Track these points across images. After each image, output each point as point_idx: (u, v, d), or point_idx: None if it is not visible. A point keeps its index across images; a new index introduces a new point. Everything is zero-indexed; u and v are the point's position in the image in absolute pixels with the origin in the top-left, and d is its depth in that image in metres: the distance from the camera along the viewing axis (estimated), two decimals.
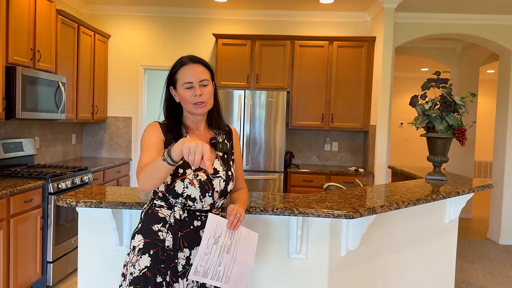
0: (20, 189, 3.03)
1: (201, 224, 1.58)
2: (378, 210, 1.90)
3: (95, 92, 4.99)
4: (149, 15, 5.36)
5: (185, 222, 1.56)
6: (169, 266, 1.53)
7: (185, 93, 1.59)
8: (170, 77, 1.64)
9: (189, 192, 1.54)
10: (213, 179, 1.59)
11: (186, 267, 1.54)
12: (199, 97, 1.57)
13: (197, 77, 1.58)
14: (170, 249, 1.53)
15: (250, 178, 4.66)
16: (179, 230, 1.54)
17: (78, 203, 1.85)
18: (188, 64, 1.60)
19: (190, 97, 1.58)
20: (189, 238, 1.55)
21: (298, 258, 1.99)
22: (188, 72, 1.58)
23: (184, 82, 1.58)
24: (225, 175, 1.62)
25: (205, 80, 1.59)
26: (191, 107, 1.60)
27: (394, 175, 3.85)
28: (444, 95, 2.74)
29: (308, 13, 5.27)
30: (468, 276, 4.07)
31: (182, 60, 1.62)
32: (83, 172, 3.90)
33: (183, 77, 1.59)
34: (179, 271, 1.54)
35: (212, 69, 1.67)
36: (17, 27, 3.40)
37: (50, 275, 3.42)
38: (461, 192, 2.45)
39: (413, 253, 2.53)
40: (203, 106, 1.60)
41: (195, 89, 1.58)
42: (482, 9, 4.82)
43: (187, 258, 1.55)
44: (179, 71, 1.61)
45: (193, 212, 1.58)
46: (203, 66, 1.62)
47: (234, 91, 4.69)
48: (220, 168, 1.62)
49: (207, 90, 1.60)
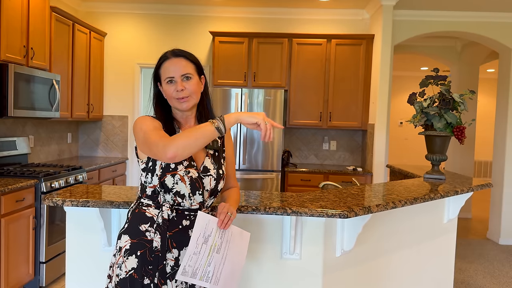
0: (11, 188, 2.98)
1: (190, 224, 1.53)
2: (374, 210, 1.85)
3: (91, 91, 4.93)
4: (145, 13, 5.31)
5: (174, 221, 1.51)
6: (157, 268, 1.48)
7: (167, 88, 1.55)
8: (155, 73, 1.60)
9: (179, 188, 1.50)
10: (204, 177, 1.54)
11: (175, 268, 1.49)
12: (181, 92, 1.53)
13: (179, 71, 1.53)
14: (158, 250, 1.48)
15: (247, 177, 4.61)
16: (167, 230, 1.49)
17: (65, 202, 1.80)
18: (170, 59, 1.56)
19: (172, 92, 1.54)
20: (178, 238, 1.50)
21: (292, 259, 1.94)
22: (171, 66, 1.54)
23: (166, 77, 1.54)
24: (216, 173, 1.57)
25: (187, 74, 1.54)
26: (174, 102, 1.55)
27: (392, 174, 3.80)
28: (442, 93, 2.68)
29: (305, 10, 5.22)
30: (467, 276, 4.02)
31: (165, 54, 1.58)
32: (78, 171, 3.85)
33: (165, 72, 1.55)
34: (168, 272, 1.49)
35: (199, 62, 1.61)
36: (10, 23, 3.35)
37: (43, 276, 3.37)
38: (459, 191, 2.40)
39: (411, 253, 2.48)
40: (186, 100, 1.54)
41: (176, 83, 1.53)
42: (482, 6, 4.77)
43: (175, 259, 1.50)
44: (162, 65, 1.57)
45: (181, 211, 1.53)
46: (186, 60, 1.56)
47: (231, 89, 4.63)
48: (211, 167, 1.57)
49: (191, 84, 1.54)
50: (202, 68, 1.63)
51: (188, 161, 1.52)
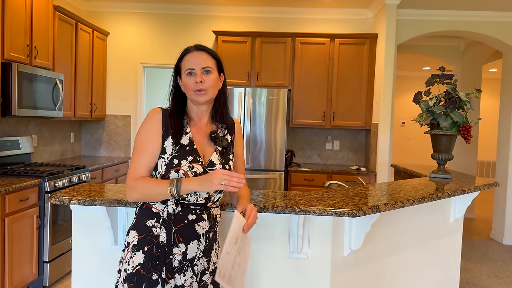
0: (15, 187, 2.97)
1: (196, 218, 1.52)
2: (382, 208, 1.83)
3: (94, 90, 4.92)
4: (148, 12, 5.30)
5: (179, 216, 1.50)
6: (164, 262, 1.47)
7: (186, 80, 1.55)
8: (176, 66, 1.61)
9: None
10: (209, 172, 1.53)
11: (183, 262, 1.49)
12: (200, 84, 1.52)
13: (200, 64, 1.54)
14: (164, 245, 1.48)
15: (251, 177, 4.60)
16: (173, 224, 1.49)
17: (71, 200, 1.79)
18: (192, 52, 1.57)
19: (191, 84, 1.54)
20: (184, 233, 1.50)
21: (299, 258, 1.93)
22: (192, 59, 1.55)
23: (186, 69, 1.55)
24: (221, 168, 1.56)
25: (208, 67, 1.55)
26: (192, 94, 1.55)
27: (396, 174, 3.79)
28: (449, 91, 2.67)
29: (309, 10, 5.20)
30: (472, 276, 4.00)
31: (188, 48, 1.60)
32: (81, 170, 3.84)
33: (186, 64, 1.56)
34: (175, 266, 1.48)
35: (220, 59, 1.62)
36: (13, 23, 3.34)
37: (46, 275, 3.36)
38: (466, 190, 2.38)
39: (418, 253, 2.47)
40: (203, 93, 1.54)
41: (196, 75, 1.53)
42: (485, 6, 4.75)
43: (183, 253, 1.49)
44: (183, 58, 1.58)
45: (187, 205, 1.52)
46: (208, 54, 1.58)
47: (235, 88, 4.62)
48: (217, 162, 1.56)
49: (210, 78, 1.55)
50: (222, 66, 1.63)
51: (193, 156, 1.51)
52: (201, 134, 1.59)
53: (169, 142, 1.51)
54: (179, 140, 1.52)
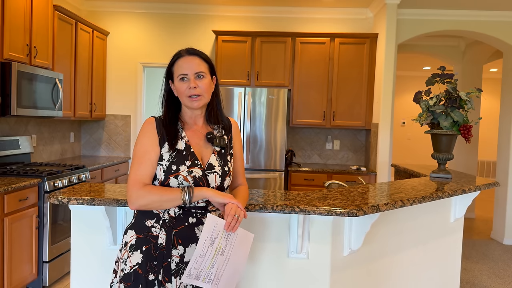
0: (15, 187, 2.96)
1: (196, 221, 1.51)
2: (383, 208, 1.83)
3: (94, 90, 4.92)
4: (148, 12, 5.30)
5: (180, 218, 1.50)
6: (162, 264, 1.46)
7: (180, 85, 1.54)
8: (168, 70, 1.59)
9: None
10: (208, 174, 1.52)
11: (180, 265, 1.48)
12: (193, 89, 1.52)
13: (193, 69, 1.53)
14: (163, 247, 1.47)
15: (251, 176, 4.59)
16: (174, 227, 1.48)
17: (70, 200, 1.78)
18: (184, 56, 1.56)
19: (185, 90, 1.53)
20: (184, 235, 1.49)
21: (299, 258, 1.92)
22: (184, 64, 1.54)
23: (179, 74, 1.54)
24: (221, 170, 1.56)
25: (201, 73, 1.54)
26: (186, 100, 1.54)
27: (397, 174, 3.78)
28: (449, 91, 2.66)
29: (309, 9, 5.20)
30: (472, 276, 3.99)
31: (179, 52, 1.58)
32: (81, 170, 3.84)
33: (179, 69, 1.55)
34: (172, 269, 1.47)
35: (212, 63, 1.61)
36: (13, 22, 3.34)
37: (46, 275, 3.35)
38: (467, 190, 2.37)
39: (418, 252, 2.46)
40: (198, 99, 1.53)
41: (190, 81, 1.53)
42: (486, 5, 4.74)
43: (181, 255, 1.48)
44: (175, 63, 1.57)
45: (188, 208, 1.51)
46: (200, 59, 1.57)
47: (234, 88, 4.61)
48: (216, 163, 1.55)
49: (203, 83, 1.54)
50: (214, 69, 1.62)
51: (191, 160, 1.51)
52: (197, 137, 1.59)
53: (166, 149, 1.51)
54: (175, 146, 1.52)
